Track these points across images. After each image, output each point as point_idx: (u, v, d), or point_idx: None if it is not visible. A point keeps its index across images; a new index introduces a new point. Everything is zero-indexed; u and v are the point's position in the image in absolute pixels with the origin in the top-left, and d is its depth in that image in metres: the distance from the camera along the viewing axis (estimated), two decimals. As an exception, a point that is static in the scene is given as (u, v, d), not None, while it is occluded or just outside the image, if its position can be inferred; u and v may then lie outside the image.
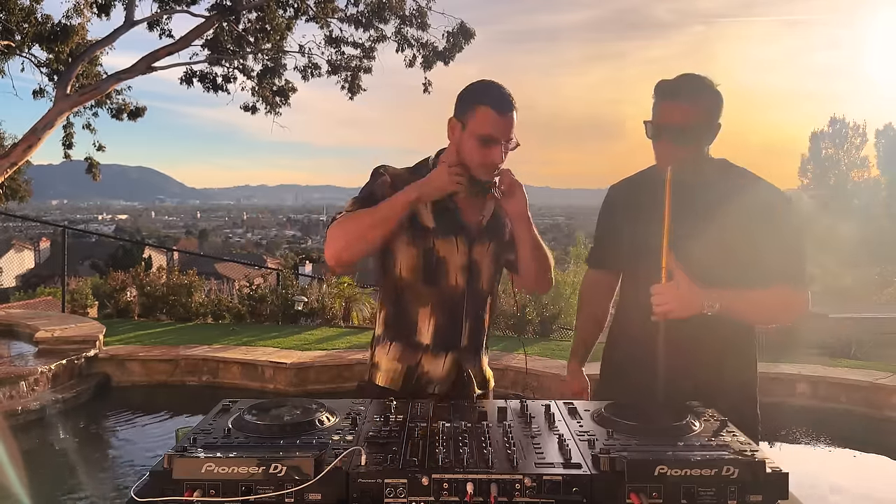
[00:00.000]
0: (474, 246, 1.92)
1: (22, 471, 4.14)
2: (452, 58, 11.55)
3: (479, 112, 1.80)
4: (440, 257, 1.89)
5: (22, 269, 32.87)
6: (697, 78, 1.86)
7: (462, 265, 1.90)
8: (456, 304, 1.92)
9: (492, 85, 1.85)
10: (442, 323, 1.90)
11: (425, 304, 1.90)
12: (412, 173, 1.91)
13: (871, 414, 5.55)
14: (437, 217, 1.89)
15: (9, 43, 10.40)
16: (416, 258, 1.89)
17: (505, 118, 1.79)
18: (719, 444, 1.28)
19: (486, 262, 1.94)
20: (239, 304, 9.79)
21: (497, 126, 1.79)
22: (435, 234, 1.88)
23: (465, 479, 1.17)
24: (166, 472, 1.18)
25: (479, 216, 1.94)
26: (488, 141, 1.79)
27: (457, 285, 1.91)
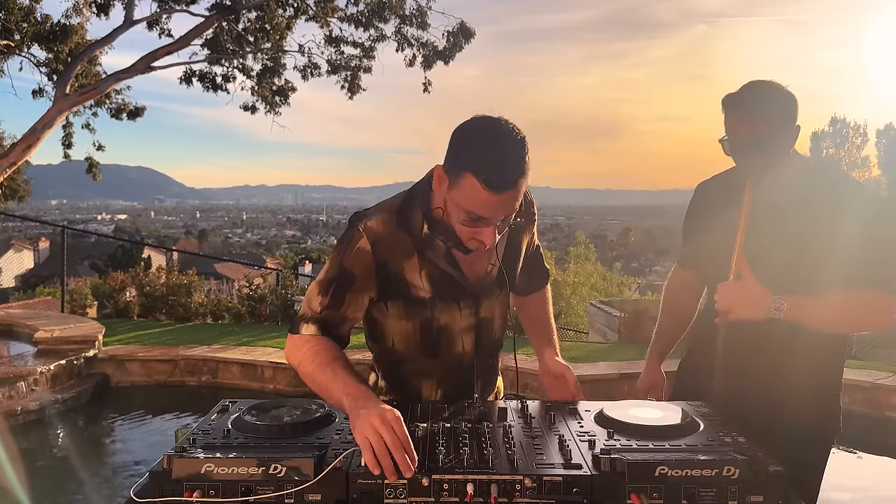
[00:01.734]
0: (481, 304, 1.64)
1: (21, 471, 4.14)
2: (452, 57, 11.55)
3: (466, 183, 1.38)
4: (441, 326, 1.62)
5: (21, 269, 32.87)
6: (761, 84, 1.79)
7: (467, 327, 1.65)
8: (465, 369, 1.68)
9: (496, 141, 1.39)
10: (452, 392, 1.68)
11: (430, 377, 1.67)
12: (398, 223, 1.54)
13: (871, 414, 5.54)
14: (434, 285, 1.57)
15: (8, 42, 10.39)
16: (413, 332, 1.63)
17: (501, 197, 1.37)
18: (720, 445, 1.28)
19: (496, 312, 1.70)
20: (238, 304, 9.80)
21: (488, 208, 1.39)
22: (433, 303, 1.59)
23: (465, 480, 1.16)
24: (166, 472, 1.18)
25: (487, 266, 1.63)
26: (473, 219, 1.42)
27: (464, 352, 1.66)
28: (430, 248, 1.56)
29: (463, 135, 1.43)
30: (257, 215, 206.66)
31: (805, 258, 1.73)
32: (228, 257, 35.37)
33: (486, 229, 1.43)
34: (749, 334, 1.75)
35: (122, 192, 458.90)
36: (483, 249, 1.48)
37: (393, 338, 1.66)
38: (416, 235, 1.54)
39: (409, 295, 1.58)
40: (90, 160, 12.49)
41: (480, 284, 1.63)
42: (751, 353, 1.79)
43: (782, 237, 1.77)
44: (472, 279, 1.61)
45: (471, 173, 1.37)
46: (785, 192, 1.79)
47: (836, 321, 1.74)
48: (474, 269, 1.61)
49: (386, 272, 1.55)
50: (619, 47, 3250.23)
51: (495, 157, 1.37)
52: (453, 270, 1.58)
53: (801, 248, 1.74)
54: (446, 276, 1.57)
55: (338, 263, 1.54)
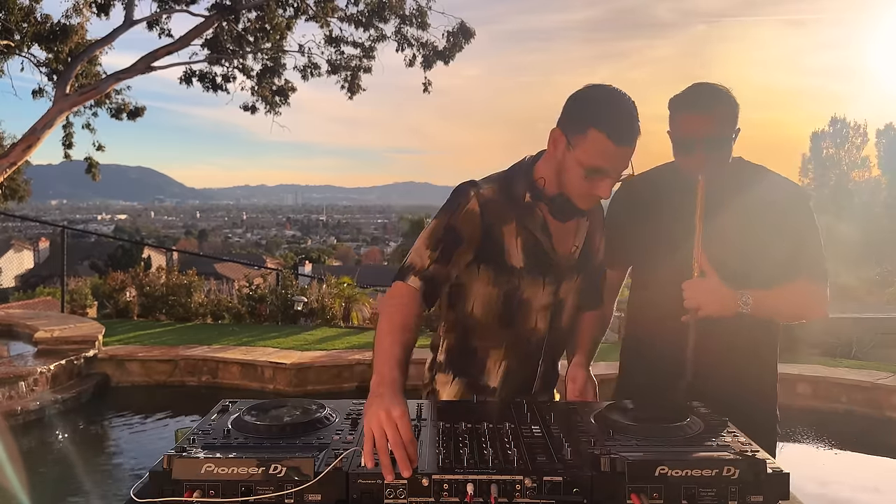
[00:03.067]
0: (562, 284, 1.72)
1: (21, 471, 4.14)
2: (452, 57, 11.55)
3: (591, 137, 1.51)
4: (523, 299, 1.69)
5: (21, 269, 32.88)
6: (708, 86, 1.84)
7: (545, 305, 1.71)
8: (533, 348, 1.73)
9: (616, 101, 1.54)
10: (514, 368, 1.72)
11: (498, 346, 1.72)
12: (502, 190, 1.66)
13: (871, 414, 5.55)
14: (528, 254, 1.66)
15: (8, 42, 10.40)
16: (496, 299, 1.68)
17: (624, 150, 1.53)
18: (720, 445, 1.28)
19: (571, 298, 1.75)
20: (238, 304, 9.79)
21: (612, 159, 1.53)
22: (522, 274, 1.66)
23: (465, 480, 1.16)
24: (166, 472, 1.17)
25: (573, 245, 1.73)
26: (597, 173, 1.54)
27: (536, 328, 1.72)
28: (530, 216, 1.66)
29: (583, 98, 1.58)
30: (257, 215, 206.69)
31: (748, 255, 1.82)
32: (228, 257, 35.36)
33: (603, 182, 1.55)
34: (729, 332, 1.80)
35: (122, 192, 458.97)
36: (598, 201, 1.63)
37: (474, 302, 1.71)
38: (519, 203, 1.66)
39: (501, 261, 1.66)
40: (90, 160, 12.50)
41: (565, 262, 1.72)
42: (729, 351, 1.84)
43: (744, 234, 1.82)
44: (560, 256, 1.71)
45: (595, 128, 1.50)
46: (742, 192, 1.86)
47: (789, 313, 1.91)
48: (562, 246, 1.71)
49: (489, 235, 1.64)
50: (619, 47, 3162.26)
51: (618, 114, 1.52)
52: (546, 242, 1.67)
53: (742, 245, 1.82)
54: (539, 248, 1.67)
55: (445, 222, 1.63)
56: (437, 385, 1.79)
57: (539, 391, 1.77)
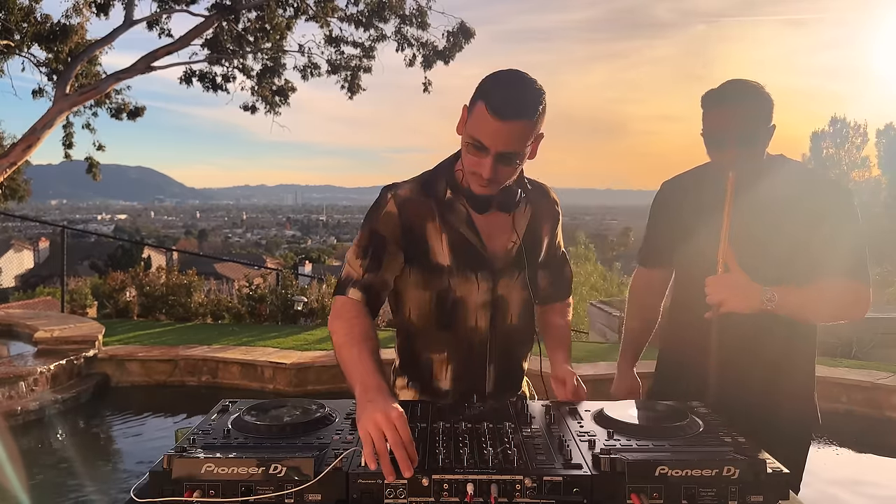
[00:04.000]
0: (499, 281, 1.66)
1: (21, 471, 4.14)
2: (452, 57, 11.55)
3: (477, 109, 1.48)
4: (457, 298, 1.64)
5: (21, 269, 32.90)
6: (740, 81, 1.82)
7: (483, 303, 1.66)
8: (477, 348, 1.68)
9: (506, 79, 1.50)
10: (461, 370, 1.69)
11: (440, 351, 1.69)
12: (424, 188, 1.65)
13: (871, 414, 5.54)
14: (455, 252, 1.62)
15: (8, 42, 10.39)
16: (429, 302, 1.65)
17: (504, 125, 1.45)
18: (720, 445, 1.28)
19: (514, 294, 1.69)
20: (238, 304, 9.79)
21: (489, 133, 1.47)
22: (451, 273, 1.63)
23: (465, 480, 1.16)
24: (166, 472, 1.17)
25: (508, 241, 1.67)
26: (476, 147, 1.49)
27: (477, 328, 1.67)
28: (452, 212, 1.63)
29: (488, 76, 1.53)
30: (257, 215, 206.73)
31: (801, 254, 1.75)
32: (228, 257, 35.36)
33: (484, 160, 1.49)
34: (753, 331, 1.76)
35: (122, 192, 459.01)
36: (483, 181, 1.52)
37: (410, 307, 1.69)
38: (440, 199, 1.63)
39: (428, 261, 1.63)
40: (90, 160, 12.50)
41: (500, 259, 1.66)
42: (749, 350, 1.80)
43: (778, 234, 1.78)
44: (492, 252, 1.66)
45: (482, 100, 1.47)
46: (774, 189, 1.81)
47: (822, 312, 1.79)
48: (494, 242, 1.66)
49: (411, 235, 1.63)
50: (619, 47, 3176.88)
51: (506, 90, 1.47)
52: (473, 237, 1.63)
53: (796, 244, 1.76)
54: (466, 244, 1.63)
55: (369, 229, 1.64)
56: (396, 389, 1.77)
57: (497, 392, 1.71)
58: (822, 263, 1.75)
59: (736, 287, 1.70)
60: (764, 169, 1.83)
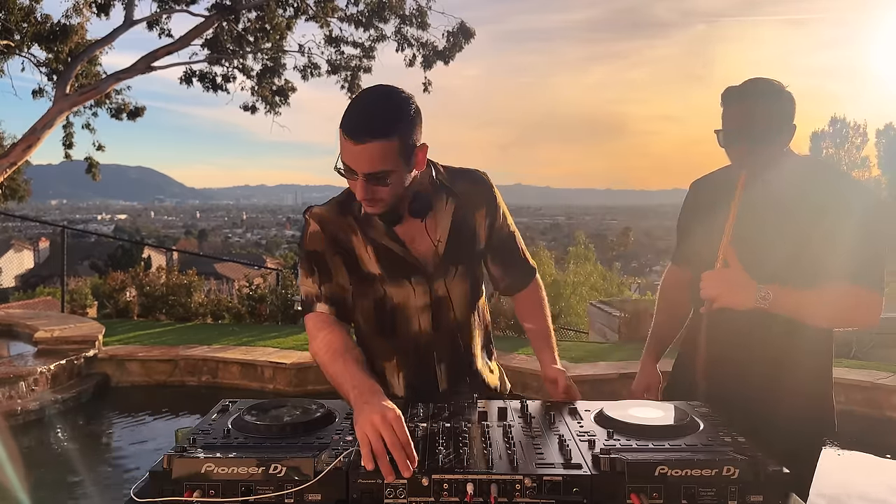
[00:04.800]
0: (434, 282, 1.67)
1: (21, 471, 4.14)
2: (452, 57, 11.55)
3: (340, 133, 1.47)
4: (395, 304, 1.66)
5: (21, 269, 32.91)
6: (761, 80, 1.81)
7: (424, 306, 1.67)
8: (423, 351, 1.70)
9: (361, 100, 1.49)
10: (412, 375, 1.71)
11: (389, 359, 1.71)
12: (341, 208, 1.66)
13: (871, 414, 5.54)
14: (382, 261, 1.64)
15: (8, 42, 10.40)
16: (370, 309, 1.68)
17: (357, 148, 1.43)
18: (720, 444, 1.28)
19: (456, 290, 1.70)
20: (238, 304, 9.79)
21: (350, 157, 1.46)
22: (383, 280, 1.65)
23: (465, 480, 1.16)
24: (166, 472, 1.18)
25: (433, 240, 1.65)
26: (346, 171, 1.48)
27: (421, 331, 1.68)
28: (371, 227, 1.64)
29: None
30: (257, 215, 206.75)
31: (806, 253, 1.72)
32: (228, 257, 35.35)
33: (356, 183, 1.49)
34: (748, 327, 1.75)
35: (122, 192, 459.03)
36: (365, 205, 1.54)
37: (358, 315, 1.72)
38: (356, 216, 1.65)
39: (360, 270, 1.65)
40: (90, 160, 12.50)
41: (429, 262, 1.66)
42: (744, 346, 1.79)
43: (784, 232, 1.77)
44: (420, 256, 1.66)
45: (341, 128, 1.46)
46: (786, 187, 1.79)
47: (821, 315, 1.73)
48: (418, 246, 1.65)
49: (339, 246, 1.64)
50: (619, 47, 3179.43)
51: (357, 112, 1.46)
52: (396, 246, 1.64)
53: (802, 243, 1.73)
54: (392, 253, 1.64)
55: (304, 252, 1.66)
56: None
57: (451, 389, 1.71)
58: (824, 264, 1.71)
59: (731, 283, 1.69)
60: (777, 166, 1.81)
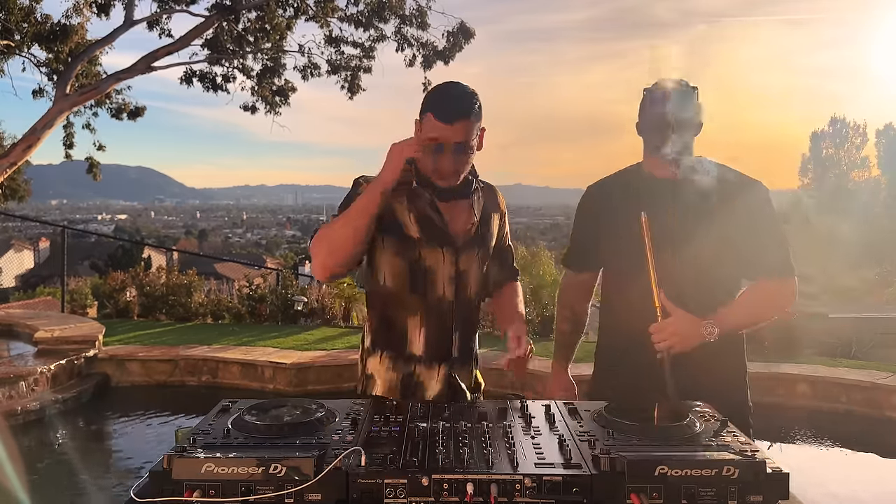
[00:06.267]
0: (461, 256, 1.87)
1: (22, 471, 4.14)
2: (452, 57, 11.54)
3: (426, 119, 1.78)
4: (427, 267, 1.84)
5: (21, 269, 32.88)
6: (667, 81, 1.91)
7: (450, 276, 1.86)
8: (444, 315, 1.87)
9: (445, 90, 1.82)
10: (432, 334, 1.86)
11: (414, 314, 1.86)
12: None
13: (871, 414, 5.54)
14: (423, 227, 1.84)
15: (8, 42, 10.39)
16: (402, 268, 1.84)
17: (452, 127, 1.75)
18: (720, 445, 1.28)
19: (473, 270, 1.90)
20: (239, 304, 9.79)
21: (443, 132, 1.76)
22: (420, 244, 1.84)
23: (465, 480, 1.16)
24: (166, 472, 1.18)
25: (468, 224, 1.90)
26: (435, 147, 1.77)
27: (444, 296, 1.86)
28: (418, 198, 1.85)
29: (430, 90, 1.86)
30: (257, 215, 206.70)
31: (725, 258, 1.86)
32: (228, 257, 35.33)
33: (444, 156, 1.77)
34: None
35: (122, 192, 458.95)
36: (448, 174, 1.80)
37: (385, 273, 1.86)
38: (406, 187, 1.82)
39: (400, 233, 1.84)
40: (90, 160, 12.49)
41: (461, 238, 1.88)
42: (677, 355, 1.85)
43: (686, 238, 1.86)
44: (454, 231, 1.87)
45: (429, 111, 1.77)
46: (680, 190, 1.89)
47: (752, 319, 1.93)
48: (455, 223, 1.88)
49: (385, 210, 1.79)
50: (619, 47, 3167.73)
51: (445, 99, 1.79)
52: (437, 217, 1.85)
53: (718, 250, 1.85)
54: (431, 222, 1.84)
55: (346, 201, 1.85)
56: (369, 370, 1.91)
57: (458, 360, 1.88)
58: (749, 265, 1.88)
59: (678, 334, 1.80)
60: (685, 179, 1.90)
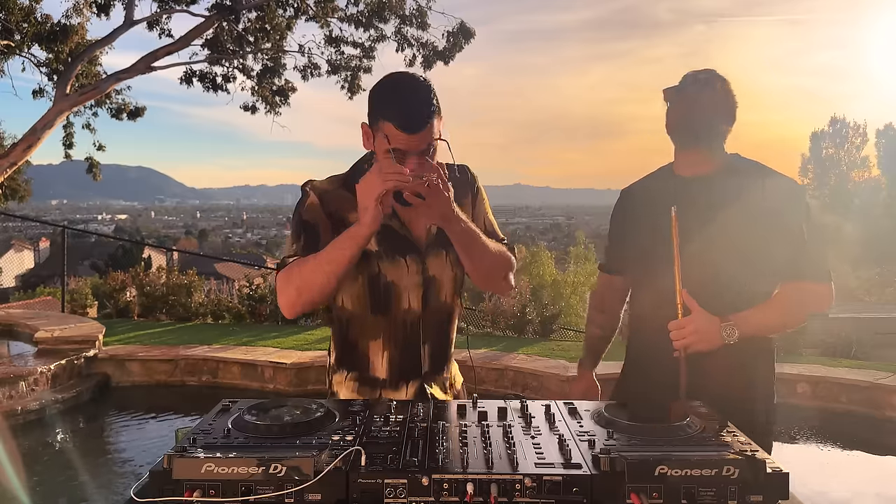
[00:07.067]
0: (428, 261, 1.70)
1: (21, 471, 4.14)
2: (452, 57, 11.55)
3: (384, 127, 1.54)
4: (388, 282, 1.68)
5: (21, 269, 32.91)
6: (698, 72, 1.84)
7: (416, 285, 1.69)
8: (411, 330, 1.72)
9: (400, 92, 1.56)
10: (396, 355, 1.72)
11: (375, 337, 1.71)
12: (342, 184, 1.70)
13: (871, 414, 5.54)
14: (380, 238, 1.65)
15: (8, 42, 10.40)
16: (362, 286, 1.68)
17: (417, 136, 1.52)
18: (720, 444, 1.28)
19: (445, 273, 1.73)
20: (239, 304, 9.78)
21: (405, 142, 1.53)
22: (379, 257, 1.66)
23: (465, 479, 1.16)
24: (166, 472, 1.17)
25: (428, 223, 1.70)
26: (398, 155, 1.53)
27: (410, 309, 1.70)
28: None
29: (375, 89, 1.59)
30: (257, 215, 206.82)
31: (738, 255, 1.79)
32: (228, 257, 35.29)
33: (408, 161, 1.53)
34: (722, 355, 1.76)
35: (122, 192, 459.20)
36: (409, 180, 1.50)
37: (343, 295, 1.72)
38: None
39: None
40: (90, 160, 12.50)
41: (423, 241, 1.71)
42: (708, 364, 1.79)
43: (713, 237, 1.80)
44: (416, 235, 1.70)
45: (385, 119, 1.53)
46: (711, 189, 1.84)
47: (777, 323, 1.85)
48: (417, 226, 1.70)
49: (334, 220, 1.66)
50: (619, 47, 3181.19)
51: (403, 103, 1.53)
52: (395, 223, 1.68)
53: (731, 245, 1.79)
54: (390, 230, 1.66)
55: (297, 221, 1.68)
56: (334, 387, 1.79)
57: (431, 372, 1.75)
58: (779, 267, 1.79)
59: (697, 332, 1.74)
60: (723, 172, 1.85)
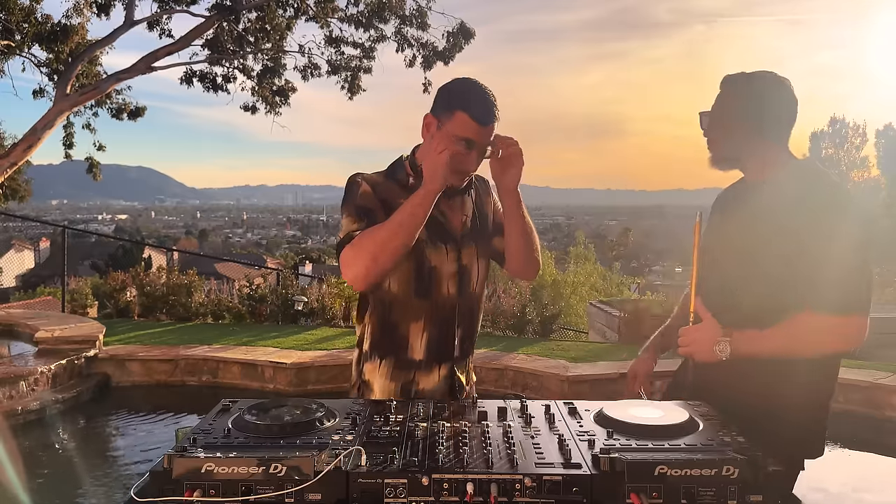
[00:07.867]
0: (462, 251, 1.89)
1: (22, 471, 4.14)
2: (452, 58, 11.54)
3: (457, 117, 1.74)
4: (432, 267, 1.84)
5: (22, 269, 32.90)
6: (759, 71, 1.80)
7: (453, 272, 1.87)
8: (448, 314, 1.88)
9: (475, 89, 1.77)
10: (434, 336, 1.87)
11: (417, 319, 1.86)
12: (387, 177, 1.88)
13: (871, 414, 5.54)
14: (427, 226, 1.78)
15: (9, 43, 10.40)
16: (409, 271, 1.83)
17: (486, 129, 1.75)
18: (720, 444, 1.28)
19: (474, 264, 1.92)
20: (239, 304, 9.78)
21: (477, 133, 1.74)
22: (425, 244, 1.82)
23: (465, 479, 1.16)
24: (166, 471, 1.18)
25: (462, 216, 1.92)
26: (466, 144, 1.74)
27: (448, 294, 1.87)
28: None
29: (450, 87, 1.79)
30: (257, 215, 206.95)
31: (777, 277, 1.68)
32: (228, 257, 35.31)
33: (470, 155, 1.76)
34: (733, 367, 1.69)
35: (122, 192, 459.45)
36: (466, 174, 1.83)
37: (390, 278, 1.83)
38: (404, 185, 1.85)
39: None
40: (91, 160, 12.50)
41: (460, 232, 1.90)
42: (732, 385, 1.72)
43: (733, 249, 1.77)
44: (454, 226, 1.89)
45: (461, 110, 1.73)
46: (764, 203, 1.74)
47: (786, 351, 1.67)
48: (453, 218, 1.89)
49: (386, 207, 1.79)
50: (619, 47, 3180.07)
51: (479, 99, 1.75)
52: (437, 214, 1.82)
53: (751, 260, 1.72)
54: (434, 220, 1.79)
55: (353, 206, 1.80)
56: (365, 376, 1.90)
57: (459, 355, 1.92)
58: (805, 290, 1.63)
59: (699, 342, 1.71)
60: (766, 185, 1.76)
